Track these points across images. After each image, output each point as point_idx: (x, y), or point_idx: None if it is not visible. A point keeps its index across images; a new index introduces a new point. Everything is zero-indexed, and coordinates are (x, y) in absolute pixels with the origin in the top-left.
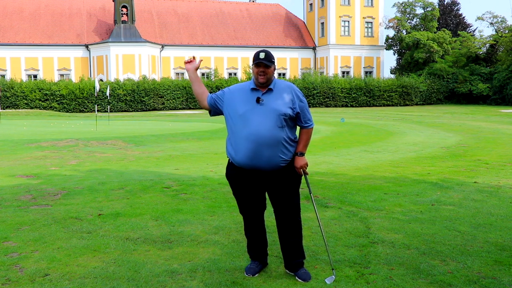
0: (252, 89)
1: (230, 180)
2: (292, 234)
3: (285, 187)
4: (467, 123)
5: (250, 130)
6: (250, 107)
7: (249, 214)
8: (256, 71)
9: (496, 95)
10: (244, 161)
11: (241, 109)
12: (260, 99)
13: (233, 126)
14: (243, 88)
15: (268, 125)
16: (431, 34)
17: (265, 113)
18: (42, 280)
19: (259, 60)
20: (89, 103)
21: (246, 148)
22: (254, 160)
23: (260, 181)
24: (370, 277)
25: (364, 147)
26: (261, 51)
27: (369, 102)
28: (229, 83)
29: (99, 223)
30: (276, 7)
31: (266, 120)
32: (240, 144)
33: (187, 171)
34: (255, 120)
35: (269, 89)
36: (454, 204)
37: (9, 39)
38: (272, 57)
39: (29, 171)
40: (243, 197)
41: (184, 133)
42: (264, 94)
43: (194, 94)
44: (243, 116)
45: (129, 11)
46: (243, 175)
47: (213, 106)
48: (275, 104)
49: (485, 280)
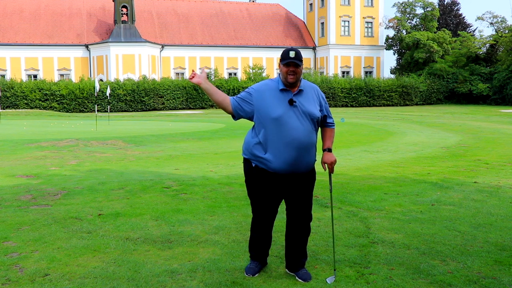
0: (282, 90)
1: (253, 183)
2: (302, 234)
3: (306, 187)
4: (467, 123)
5: (291, 136)
6: (284, 109)
7: (264, 216)
8: (286, 71)
9: (496, 95)
10: (284, 168)
11: (275, 112)
12: (294, 101)
13: (266, 130)
14: (272, 88)
15: (306, 129)
16: (431, 34)
17: (300, 116)
18: (42, 280)
19: (289, 59)
20: (89, 103)
21: (288, 155)
22: (294, 166)
23: (290, 183)
24: (370, 277)
25: (364, 147)
26: (290, 49)
27: (369, 102)
28: (229, 83)
29: (99, 223)
30: (276, 7)
31: (303, 125)
32: (279, 150)
33: (187, 171)
34: (293, 124)
35: (299, 90)
36: (454, 204)
37: (9, 39)
38: (301, 56)
39: (29, 171)
40: (264, 200)
41: (184, 133)
42: (295, 95)
43: (215, 103)
44: (279, 120)
45: (129, 11)
46: (274, 179)
47: (240, 110)
48: (308, 107)
49: (485, 280)
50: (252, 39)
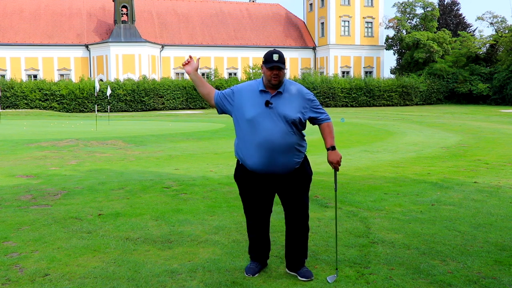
0: (261, 91)
1: (239, 182)
2: (300, 234)
3: (296, 187)
4: (467, 123)
5: (262, 137)
6: (259, 111)
7: (256, 216)
8: (270, 74)
9: (496, 95)
10: (258, 168)
11: (250, 113)
12: (269, 103)
13: (241, 130)
14: (252, 89)
15: (280, 131)
16: (431, 34)
17: (275, 118)
18: (42, 280)
19: (273, 64)
20: (89, 103)
21: (260, 156)
22: (269, 167)
23: (272, 184)
24: (370, 277)
25: (364, 147)
26: (273, 52)
27: (369, 102)
28: (229, 83)
29: (99, 223)
30: (276, 7)
31: (277, 126)
32: (251, 151)
33: (187, 171)
34: (266, 126)
35: (278, 92)
36: (454, 204)
37: (9, 39)
38: (284, 59)
39: (29, 171)
40: (252, 200)
41: (184, 133)
42: (273, 97)
43: (201, 95)
44: (252, 121)
45: (129, 11)
46: (255, 178)
47: (221, 105)
48: (284, 109)
49: (485, 280)
50: (252, 39)
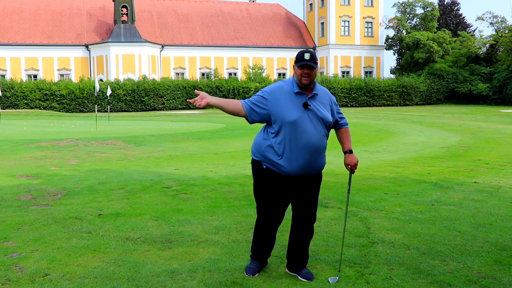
0: (297, 93)
1: (263, 185)
2: (306, 235)
3: (313, 190)
4: (467, 123)
5: (306, 140)
6: (300, 113)
7: (271, 218)
8: (300, 73)
9: (496, 95)
10: (297, 171)
11: (291, 116)
12: (308, 105)
13: (282, 133)
14: (286, 90)
15: (319, 133)
16: (431, 34)
17: (314, 120)
18: (42, 280)
19: (304, 62)
20: (89, 103)
21: (303, 159)
22: (307, 169)
23: (297, 187)
24: (370, 277)
25: (364, 147)
26: (305, 51)
27: (369, 102)
28: (229, 83)
29: (99, 223)
30: (276, 7)
31: (316, 129)
32: (295, 154)
33: (187, 171)
34: (305, 128)
35: (314, 94)
36: (454, 204)
37: (9, 39)
38: (316, 58)
39: (29, 171)
40: (273, 202)
41: (184, 133)
42: (309, 99)
43: (229, 113)
44: (294, 124)
45: (129, 11)
46: (283, 182)
47: (254, 115)
48: (322, 111)
49: (485, 280)
50: (252, 39)
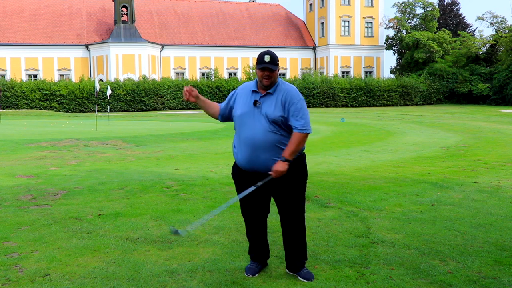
0: (253, 91)
1: (234, 179)
2: (296, 235)
3: (288, 189)
4: (467, 123)
5: (246, 133)
6: (247, 109)
7: (251, 216)
8: (261, 75)
9: (496, 95)
10: (243, 164)
11: (239, 111)
12: (257, 102)
13: (235, 127)
14: (248, 89)
15: (262, 129)
16: (431, 34)
17: (259, 116)
18: (42, 280)
19: (264, 65)
20: (89, 103)
21: (244, 151)
22: (252, 164)
23: (254, 183)
24: (370, 277)
25: (364, 147)
26: (265, 53)
27: (369, 102)
28: (229, 83)
29: (99, 223)
30: (276, 7)
31: (259, 125)
32: (241, 148)
33: (187, 171)
34: (250, 123)
35: (268, 92)
36: (454, 204)
37: (9, 39)
38: (277, 60)
39: (29, 171)
40: (246, 199)
41: (184, 133)
42: (262, 97)
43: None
44: (240, 119)
45: (129, 11)
46: (246, 177)
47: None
48: (267, 109)
49: (485, 280)
50: (252, 39)
